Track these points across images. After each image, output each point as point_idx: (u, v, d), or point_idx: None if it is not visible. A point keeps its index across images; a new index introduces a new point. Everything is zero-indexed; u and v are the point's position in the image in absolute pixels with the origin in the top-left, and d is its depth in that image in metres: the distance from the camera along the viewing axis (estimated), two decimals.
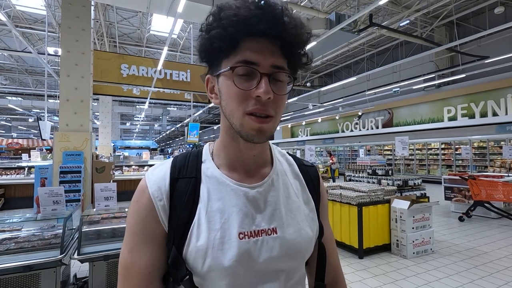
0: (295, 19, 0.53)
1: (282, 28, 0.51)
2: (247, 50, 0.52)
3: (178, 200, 0.56)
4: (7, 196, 7.10)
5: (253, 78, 0.52)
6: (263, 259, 0.55)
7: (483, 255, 3.90)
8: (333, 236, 0.75)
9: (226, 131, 0.59)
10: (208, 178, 0.59)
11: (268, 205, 0.59)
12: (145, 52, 13.62)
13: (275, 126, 0.56)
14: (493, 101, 11.16)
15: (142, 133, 39.27)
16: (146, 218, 0.55)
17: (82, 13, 5.58)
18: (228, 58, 0.54)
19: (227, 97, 0.54)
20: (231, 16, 0.50)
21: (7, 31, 11.09)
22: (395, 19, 10.11)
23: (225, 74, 0.54)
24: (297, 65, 0.58)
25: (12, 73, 15.90)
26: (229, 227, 0.54)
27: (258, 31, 0.51)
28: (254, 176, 0.61)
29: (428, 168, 13.10)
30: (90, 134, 5.47)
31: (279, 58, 0.53)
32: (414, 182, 4.98)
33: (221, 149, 0.61)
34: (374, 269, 3.48)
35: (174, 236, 0.54)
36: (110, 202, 2.70)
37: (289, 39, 0.52)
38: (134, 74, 7.52)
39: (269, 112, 0.53)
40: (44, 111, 7.80)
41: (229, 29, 0.50)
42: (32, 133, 29.86)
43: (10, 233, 2.37)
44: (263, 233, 0.56)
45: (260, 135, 0.53)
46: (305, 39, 0.55)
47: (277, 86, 0.54)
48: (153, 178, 0.58)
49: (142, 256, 0.54)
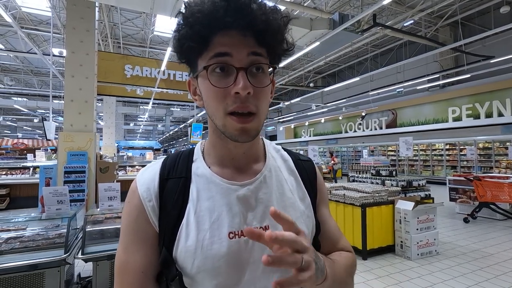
0: (264, 6, 0.50)
1: (251, 18, 0.48)
2: (218, 45, 0.50)
3: (168, 201, 0.56)
4: (12, 195, 7.16)
5: (229, 74, 0.50)
6: (254, 259, 0.54)
7: (489, 257, 3.86)
8: (336, 224, 0.71)
9: (213, 130, 0.58)
10: (198, 177, 0.58)
11: (259, 203, 0.57)
12: (148, 53, 13.68)
13: (260, 123, 0.54)
14: (498, 102, 11.05)
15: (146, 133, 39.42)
16: (137, 218, 0.55)
17: (87, 14, 5.62)
18: (201, 57, 0.52)
19: (207, 98, 0.53)
20: (195, 13, 0.48)
21: (13, 33, 11.19)
22: (399, 19, 10.05)
23: (202, 74, 0.53)
24: (278, 52, 0.55)
25: (18, 74, 16.05)
26: (219, 227, 0.54)
27: (225, 24, 0.48)
28: (245, 172, 0.59)
29: (433, 169, 13.00)
30: (94, 135, 5.50)
31: (255, 46, 0.51)
32: (418, 183, 4.95)
33: (211, 148, 0.61)
34: (378, 271, 3.46)
35: (164, 237, 0.54)
36: (113, 202, 2.71)
37: (261, 27, 0.49)
38: (137, 75, 7.55)
39: (250, 109, 0.50)
40: (49, 112, 7.86)
41: (196, 26, 0.48)
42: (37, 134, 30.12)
43: (15, 232, 2.39)
44: None
45: (243, 135, 0.52)
46: (280, 25, 0.51)
47: (257, 79, 0.51)
48: (142, 179, 0.58)
49: (136, 255, 0.54)
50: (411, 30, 11.57)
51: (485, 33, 7.45)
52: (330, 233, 0.68)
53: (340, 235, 0.70)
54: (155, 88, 7.87)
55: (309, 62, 14.98)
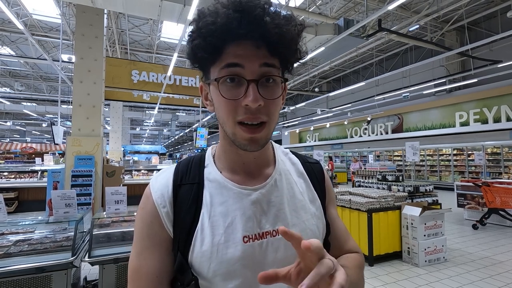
0: (278, 16, 0.50)
1: (264, 30, 0.48)
2: (231, 56, 0.50)
3: (182, 206, 0.56)
4: (20, 199, 7.26)
5: (240, 85, 0.50)
6: (269, 261, 0.54)
7: (499, 265, 3.77)
8: (343, 225, 0.71)
9: (224, 136, 0.58)
10: (211, 182, 0.59)
11: (271, 206, 0.58)
12: (155, 59, 13.86)
13: (270, 133, 0.54)
14: (506, 106, 10.89)
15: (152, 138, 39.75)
16: (151, 224, 0.56)
17: (95, 21, 5.75)
18: (214, 65, 0.53)
19: (217, 106, 0.54)
20: (209, 25, 0.48)
21: (23, 39, 11.47)
22: (404, 24, 10.02)
23: (213, 84, 0.53)
24: (290, 62, 0.55)
25: (28, 79, 16.39)
26: (233, 231, 0.54)
27: (238, 35, 0.48)
28: (256, 177, 0.60)
29: (440, 175, 12.82)
30: (101, 139, 5.58)
31: (268, 58, 0.51)
32: (425, 189, 4.88)
33: (222, 153, 0.61)
34: (385, 277, 3.41)
35: (179, 242, 0.55)
36: (120, 206, 2.74)
37: (274, 38, 0.49)
38: (144, 80, 7.66)
39: (261, 119, 0.51)
40: (58, 116, 7.99)
41: (208, 38, 0.49)
42: (45, 138, 30.60)
43: (24, 235, 2.43)
44: (268, 235, 0.56)
45: (252, 145, 0.52)
46: (293, 35, 0.51)
47: (268, 90, 0.51)
48: (156, 185, 0.58)
49: (150, 261, 0.54)
50: (417, 34, 11.53)
51: (492, 37, 7.39)
52: (339, 233, 0.68)
53: (348, 235, 0.71)
54: (161, 93, 7.97)
55: (314, 67, 15.01)
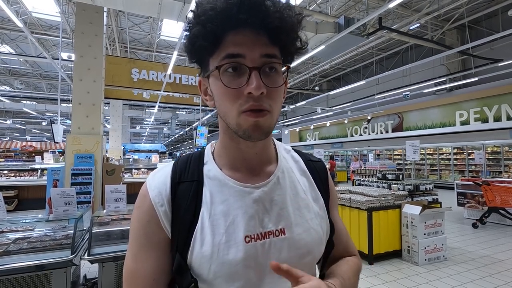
0: (279, 2, 0.49)
1: (264, 15, 0.47)
2: (231, 45, 0.48)
3: (180, 205, 0.54)
4: (20, 197, 7.26)
5: (242, 74, 0.49)
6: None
7: (499, 263, 3.77)
8: (344, 227, 0.72)
9: (224, 131, 0.56)
10: (211, 180, 0.56)
11: (274, 205, 0.56)
12: (155, 57, 13.83)
13: (273, 121, 0.52)
14: (507, 105, 10.87)
15: (151, 136, 39.72)
16: (148, 224, 0.53)
17: (95, 19, 5.73)
18: (213, 56, 0.51)
19: (219, 98, 0.52)
20: (208, 11, 0.47)
21: (23, 37, 11.43)
22: (404, 22, 9.99)
23: (214, 74, 0.51)
24: (291, 51, 0.54)
25: (27, 78, 16.35)
26: (235, 231, 0.52)
27: (238, 22, 0.47)
28: (258, 174, 0.58)
29: (440, 173, 12.83)
30: (101, 137, 5.57)
31: (268, 46, 0.49)
32: (425, 187, 4.88)
33: (222, 149, 0.59)
34: (385, 276, 3.41)
35: (178, 242, 0.52)
36: (120, 204, 2.73)
37: (275, 24, 0.47)
38: (144, 79, 7.64)
39: (264, 107, 0.49)
40: (57, 115, 7.99)
41: (208, 25, 0.47)
42: (45, 136, 30.58)
43: (23, 233, 2.42)
44: (271, 234, 0.54)
45: (257, 131, 0.50)
46: (294, 22, 0.50)
47: (271, 78, 0.50)
48: (153, 183, 0.56)
49: (146, 263, 0.52)
50: (417, 33, 11.49)
51: (493, 36, 7.36)
52: (341, 235, 0.68)
53: (348, 237, 0.70)
54: (161, 91, 7.95)
55: (314, 65, 14.98)
